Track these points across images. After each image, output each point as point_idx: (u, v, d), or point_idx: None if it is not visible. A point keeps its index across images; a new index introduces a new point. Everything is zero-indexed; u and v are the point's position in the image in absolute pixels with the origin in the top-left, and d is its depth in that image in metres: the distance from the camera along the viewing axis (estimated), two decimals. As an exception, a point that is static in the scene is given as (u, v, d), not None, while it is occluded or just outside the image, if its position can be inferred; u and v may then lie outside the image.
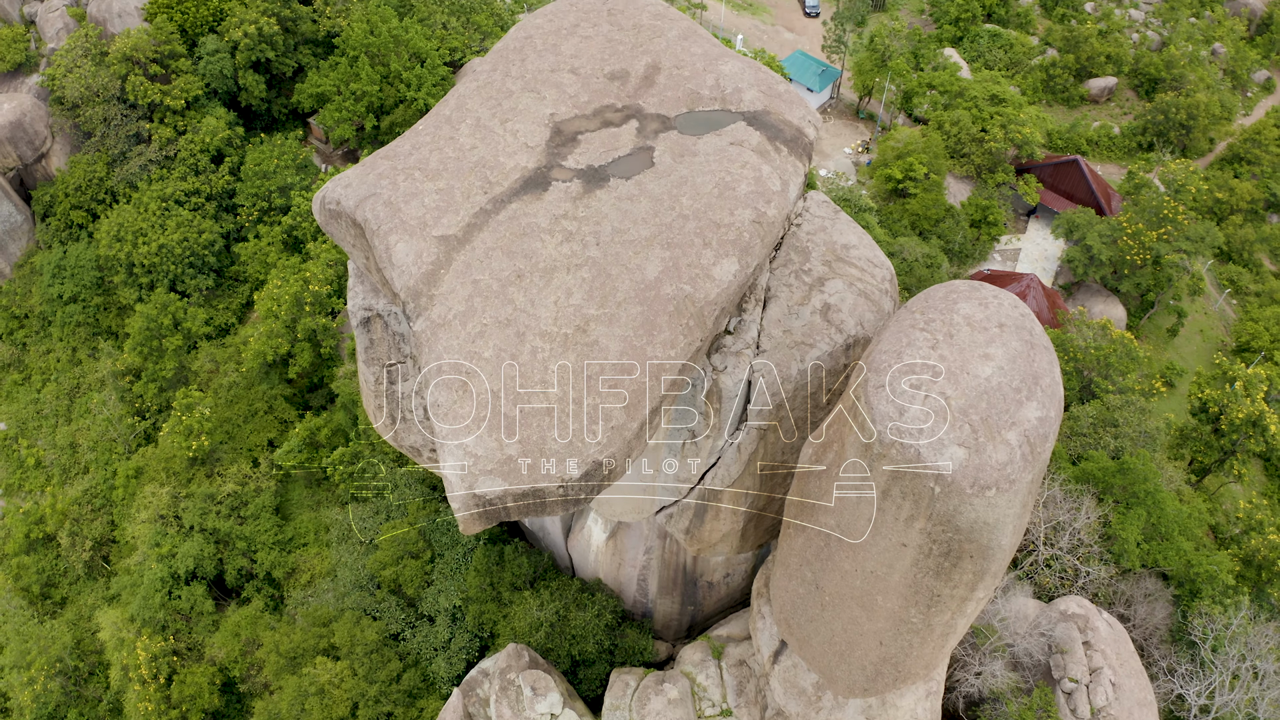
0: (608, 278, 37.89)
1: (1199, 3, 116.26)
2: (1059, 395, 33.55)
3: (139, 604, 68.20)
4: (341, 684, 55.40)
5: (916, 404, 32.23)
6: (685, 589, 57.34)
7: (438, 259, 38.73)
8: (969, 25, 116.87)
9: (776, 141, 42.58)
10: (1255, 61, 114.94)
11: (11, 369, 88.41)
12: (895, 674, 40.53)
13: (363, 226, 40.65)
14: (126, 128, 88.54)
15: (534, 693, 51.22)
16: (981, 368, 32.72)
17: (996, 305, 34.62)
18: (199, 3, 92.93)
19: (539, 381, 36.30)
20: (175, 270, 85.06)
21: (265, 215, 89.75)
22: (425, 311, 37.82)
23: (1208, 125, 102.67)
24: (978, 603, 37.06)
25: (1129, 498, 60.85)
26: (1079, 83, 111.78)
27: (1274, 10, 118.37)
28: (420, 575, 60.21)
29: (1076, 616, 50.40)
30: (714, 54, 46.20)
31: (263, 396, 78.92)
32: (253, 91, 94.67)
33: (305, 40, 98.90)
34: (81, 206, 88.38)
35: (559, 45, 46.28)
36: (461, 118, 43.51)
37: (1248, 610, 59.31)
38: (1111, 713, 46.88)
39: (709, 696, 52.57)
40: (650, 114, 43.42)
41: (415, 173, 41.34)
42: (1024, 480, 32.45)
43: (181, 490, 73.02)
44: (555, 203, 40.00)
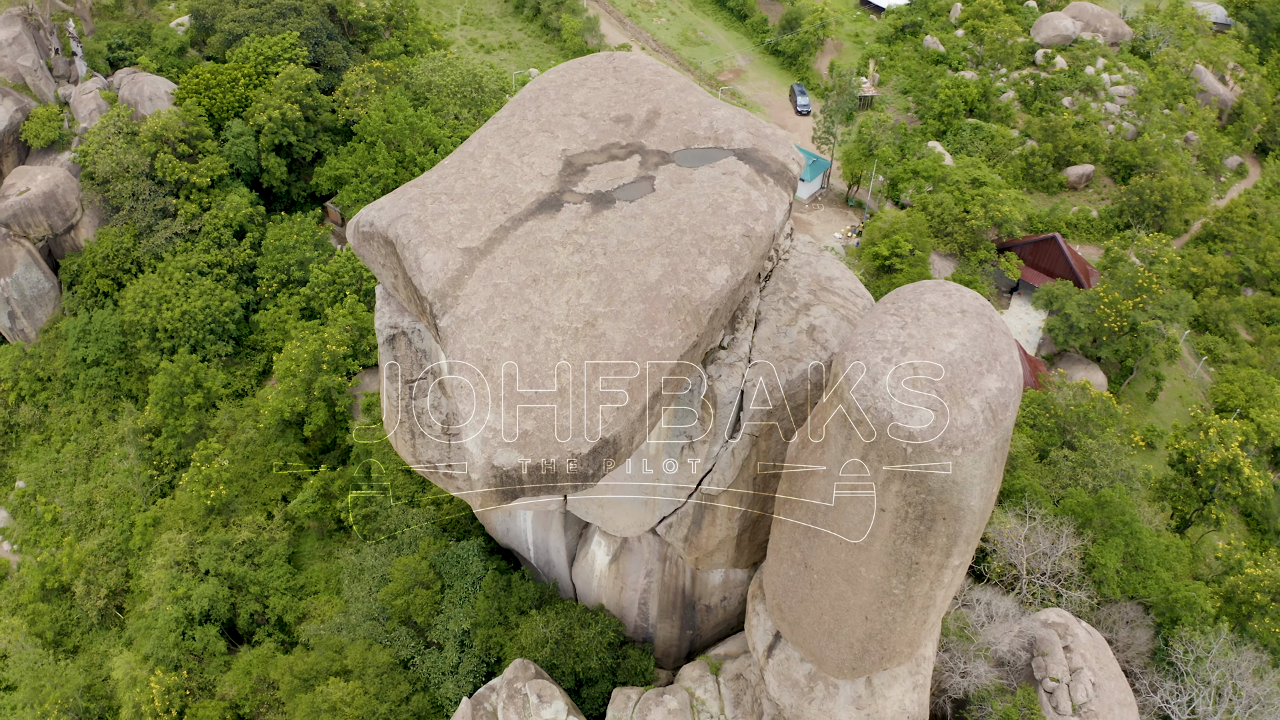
0: (613, 281, 43.17)
1: (1172, 96, 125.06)
2: (1018, 372, 38.36)
3: (153, 643, 71.06)
4: (353, 702, 58.26)
5: (888, 374, 37.03)
6: (684, 612, 60.80)
7: (462, 266, 44.07)
8: (952, 119, 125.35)
9: (764, 173, 48.47)
10: (1227, 148, 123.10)
11: (32, 429, 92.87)
12: (881, 651, 44.10)
13: (394, 243, 46.10)
14: (154, 202, 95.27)
15: (539, 700, 54.24)
16: (945, 344, 37.64)
17: (959, 295, 39.77)
18: (226, 89, 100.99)
19: (552, 368, 41.19)
20: (197, 336, 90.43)
21: (284, 287, 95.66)
22: (451, 309, 42.95)
23: (1182, 206, 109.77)
24: (953, 572, 41.03)
25: (1107, 530, 64.77)
26: (1058, 171, 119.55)
27: (1244, 100, 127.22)
28: (430, 604, 63.53)
29: (1056, 624, 53.90)
30: (708, 103, 52.61)
31: (278, 453, 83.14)
32: (274, 173, 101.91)
33: (325, 128, 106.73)
34: (108, 275, 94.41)
35: (570, 95, 52.70)
36: (483, 153, 49.53)
37: (1228, 636, 62.50)
38: (1092, 708, 50.03)
39: (707, 709, 55.54)
40: (651, 150, 49.46)
41: (442, 197, 47.07)
42: (988, 443, 36.96)
43: (198, 538, 76.60)
44: (567, 220, 45.60)
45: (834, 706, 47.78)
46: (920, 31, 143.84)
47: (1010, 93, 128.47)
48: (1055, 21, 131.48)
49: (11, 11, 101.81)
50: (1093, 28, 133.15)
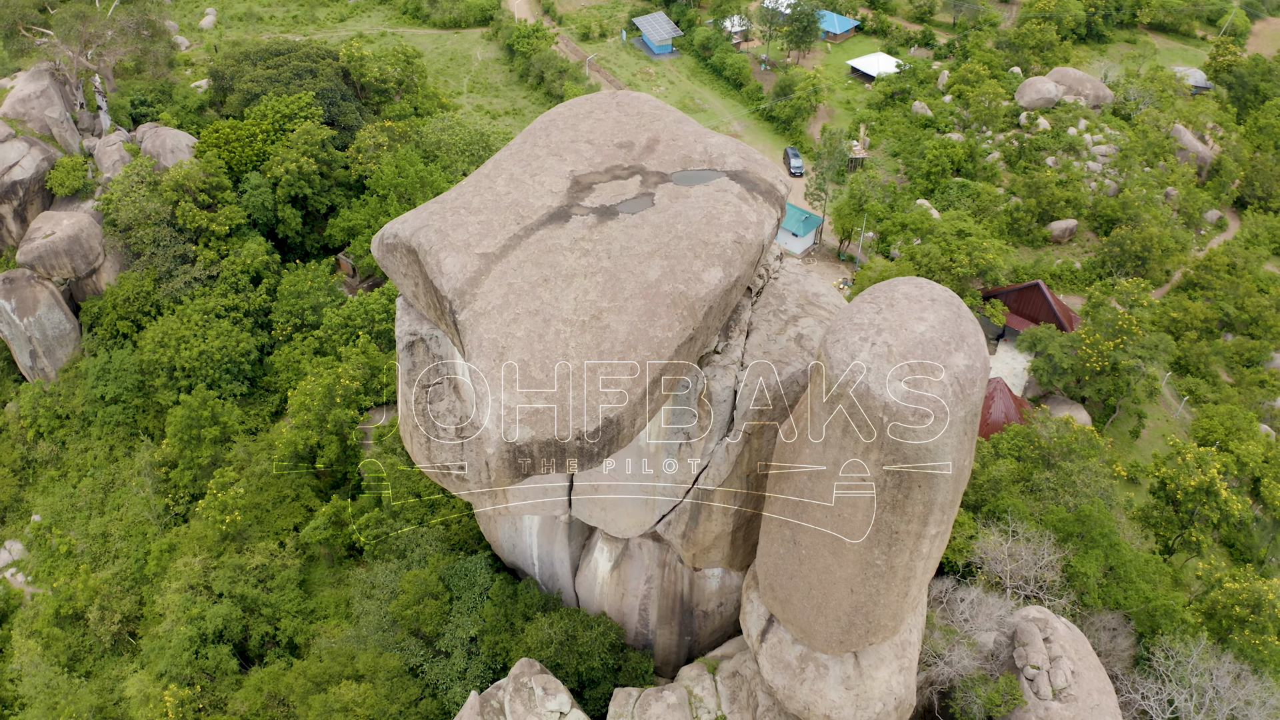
0: (617, 280, 48.05)
1: (1152, 153, 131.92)
2: (983, 352, 42.96)
3: (167, 661, 74.11)
4: (364, 702, 61.36)
5: (865, 351, 41.65)
6: (683, 618, 64.37)
7: (479, 269, 48.99)
8: (939, 179, 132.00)
9: (754, 192, 53.72)
10: (1207, 202, 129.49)
11: (49, 465, 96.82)
12: (866, 625, 47.83)
13: (416, 250, 51.07)
14: (174, 249, 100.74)
15: (545, 693, 57.54)
16: (917, 325, 42.33)
17: (929, 287, 44.59)
18: (245, 143, 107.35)
19: (561, 355, 45.82)
20: (213, 374, 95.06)
21: (298, 330, 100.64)
22: (469, 305, 47.73)
23: (1162, 257, 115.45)
24: (930, 542, 45.06)
25: (1087, 542, 68.58)
26: (1042, 225, 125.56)
27: (1223, 157, 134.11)
28: (439, 614, 66.96)
29: (1037, 619, 57.44)
30: (702, 132, 58.16)
31: (291, 485, 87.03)
32: (290, 224, 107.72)
33: (338, 183, 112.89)
34: (128, 317, 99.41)
35: (577, 125, 58.28)
36: (498, 174, 54.86)
37: (1207, 645, 65.83)
38: (1072, 693, 53.37)
39: (705, 705, 58.84)
40: (651, 171, 54.81)
41: (460, 210, 52.22)
42: (958, 414, 41.37)
43: (212, 562, 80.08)
44: (575, 229, 50.68)
45: (824, 686, 51.21)
46: (909, 98, 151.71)
47: (995, 153, 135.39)
48: (1038, 86, 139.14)
49: (40, 66, 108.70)
50: (1075, 91, 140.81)
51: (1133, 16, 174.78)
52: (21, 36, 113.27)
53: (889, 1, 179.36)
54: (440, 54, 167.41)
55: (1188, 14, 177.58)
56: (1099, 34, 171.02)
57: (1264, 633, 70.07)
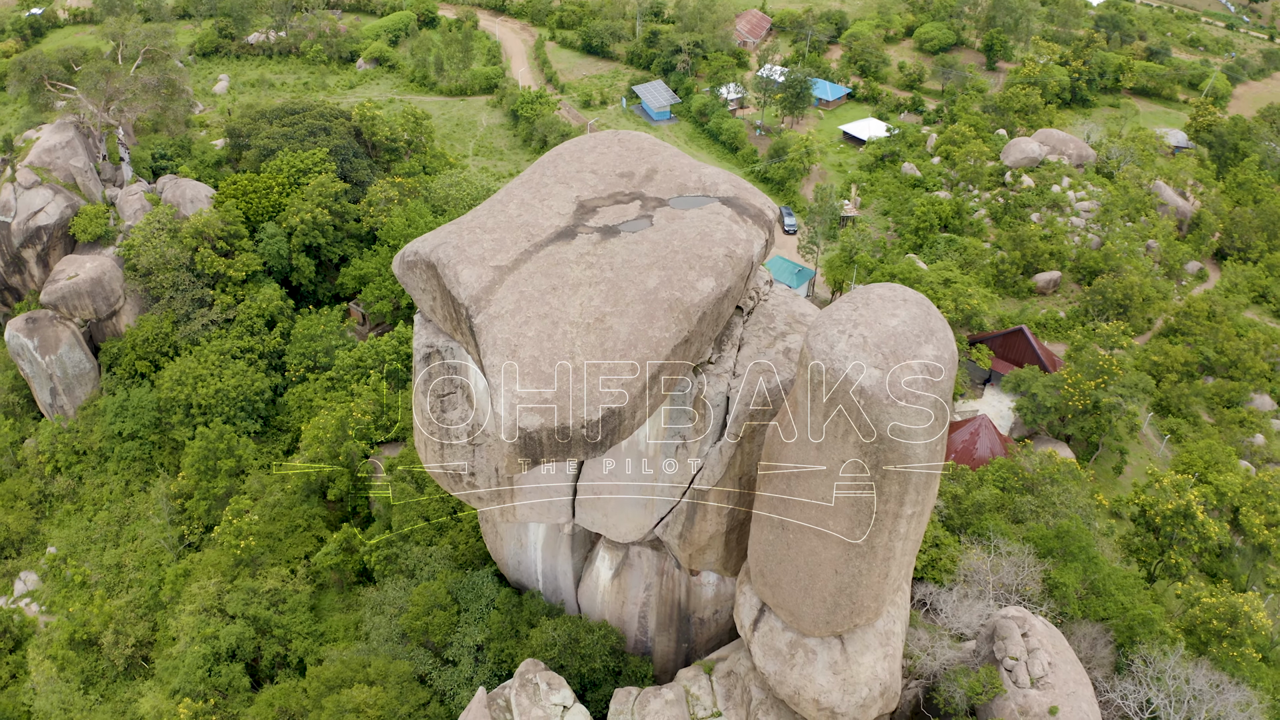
0: (619, 289, 53.43)
1: (1134, 208, 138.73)
2: (951, 345, 48.06)
3: (181, 679, 77.62)
4: (376, 703, 65.00)
5: (842, 342, 46.77)
6: (680, 625, 68.39)
7: (493, 279, 54.42)
8: (927, 234, 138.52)
9: (744, 215, 59.43)
10: (1187, 253, 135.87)
11: (66, 500, 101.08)
12: (851, 605, 52.10)
13: (435, 265, 56.52)
14: (192, 293, 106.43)
15: (549, 687, 61.33)
16: (889, 320, 47.53)
17: (902, 290, 49.88)
18: (261, 195, 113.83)
19: (568, 353, 51.00)
20: (229, 411, 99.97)
21: (310, 371, 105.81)
22: (484, 310, 53.03)
23: (1143, 305, 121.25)
24: (907, 522, 49.61)
25: (1066, 556, 72.85)
26: (1027, 277, 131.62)
27: (1202, 211, 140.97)
28: (447, 625, 70.89)
29: (1016, 617, 61.54)
30: (697, 164, 64.14)
31: (303, 515, 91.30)
32: (304, 271, 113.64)
33: (350, 235, 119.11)
34: (146, 357, 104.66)
35: (582, 158, 64.28)
36: (510, 199, 60.65)
37: (1185, 653, 69.64)
38: (1049, 681, 57.33)
39: (701, 702, 62.60)
40: (650, 197, 60.58)
41: (476, 230, 57.86)
42: (928, 398, 46.31)
43: (227, 586, 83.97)
44: (580, 245, 56.23)
45: (813, 671, 55.18)
46: (899, 160, 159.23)
47: (982, 210, 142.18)
48: (1023, 145, 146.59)
49: (65, 119, 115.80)
50: (1058, 151, 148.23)
51: (1116, 81, 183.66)
52: (46, 91, 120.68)
53: (879, 70, 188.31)
54: (447, 119, 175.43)
55: (1170, 79, 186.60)
56: (1083, 99, 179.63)
57: (1241, 645, 73.92)
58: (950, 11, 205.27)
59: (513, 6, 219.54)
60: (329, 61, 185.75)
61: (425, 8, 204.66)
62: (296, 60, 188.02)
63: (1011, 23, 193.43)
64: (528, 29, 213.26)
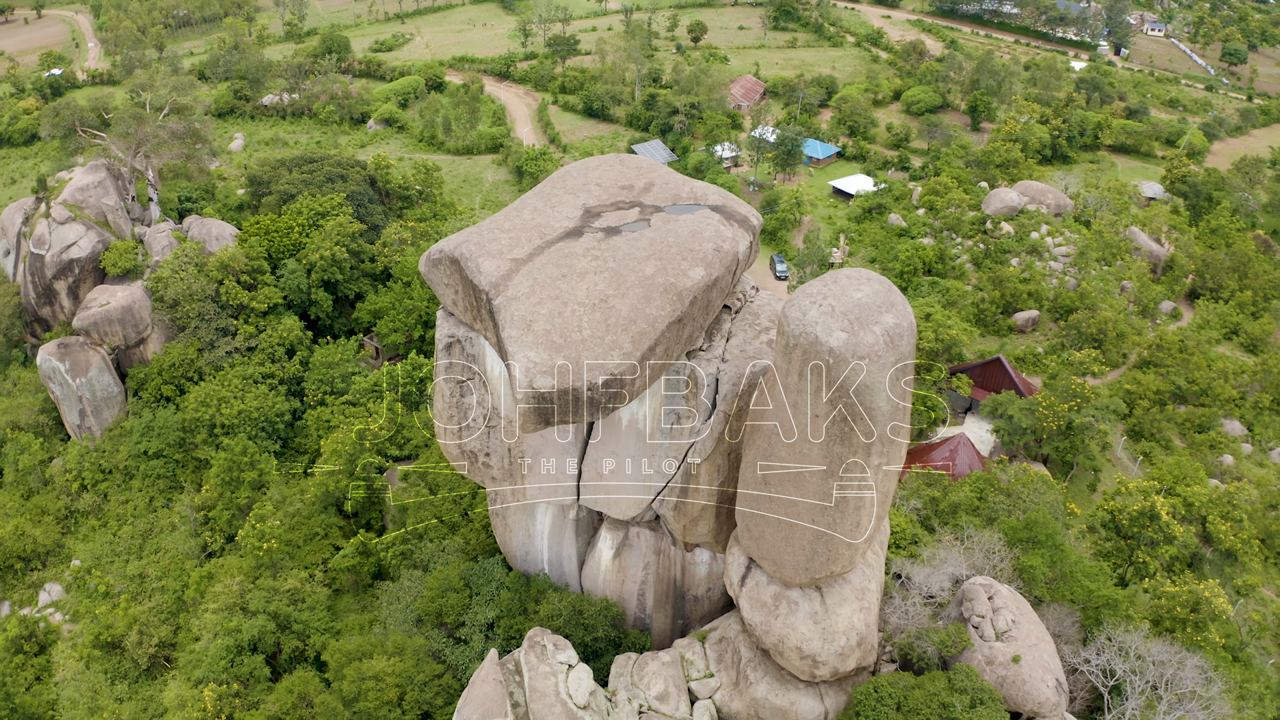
0: (620, 276, 61.73)
1: (1110, 253, 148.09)
2: (909, 316, 56.07)
3: (204, 670, 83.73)
4: (394, 671, 71.48)
5: (814, 310, 54.85)
6: (675, 602, 75.23)
7: (510, 269, 62.76)
8: (911, 277, 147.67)
9: (730, 219, 68.05)
10: (1161, 294, 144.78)
11: (91, 515, 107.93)
12: (827, 554, 59.28)
13: (458, 259, 64.87)
14: (217, 322, 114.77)
15: (555, 648, 67.99)
16: (854, 294, 55.68)
17: (866, 272, 58.08)
18: (283, 234, 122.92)
19: (576, 327, 59.04)
20: (251, 431, 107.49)
21: (327, 397, 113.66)
22: (502, 293, 61.24)
23: (1117, 340, 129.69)
24: (874, 473, 57.08)
25: (1034, 544, 79.92)
26: (1006, 316, 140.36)
27: (1176, 254, 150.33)
28: (460, 606, 77.59)
29: (983, 583, 68.57)
30: (689, 180, 73.04)
31: (321, 524, 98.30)
32: (322, 305, 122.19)
33: (366, 274, 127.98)
34: (172, 382, 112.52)
35: (588, 173, 73.20)
36: (523, 206, 69.36)
37: (1149, 634, 76.19)
38: (1013, 635, 64.15)
39: (695, 666, 69.28)
40: (648, 205, 69.28)
41: (494, 230, 66.40)
42: (888, 359, 54.19)
43: (249, 585, 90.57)
44: (587, 242, 64.70)
45: (796, 620, 62.09)
46: (885, 212, 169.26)
47: (963, 256, 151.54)
48: (1003, 195, 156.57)
49: (97, 161, 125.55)
50: (1037, 201, 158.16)
51: (1095, 139, 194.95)
52: (78, 136, 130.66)
53: (868, 130, 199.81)
54: (454, 176, 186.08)
55: (1148, 135, 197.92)
56: (1063, 155, 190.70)
57: (1204, 630, 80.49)
58: (936, 76, 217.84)
59: (517, 73, 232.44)
60: (341, 122, 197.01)
61: (433, 73, 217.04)
62: (309, 121, 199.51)
63: (995, 85, 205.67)
64: (531, 94, 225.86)
